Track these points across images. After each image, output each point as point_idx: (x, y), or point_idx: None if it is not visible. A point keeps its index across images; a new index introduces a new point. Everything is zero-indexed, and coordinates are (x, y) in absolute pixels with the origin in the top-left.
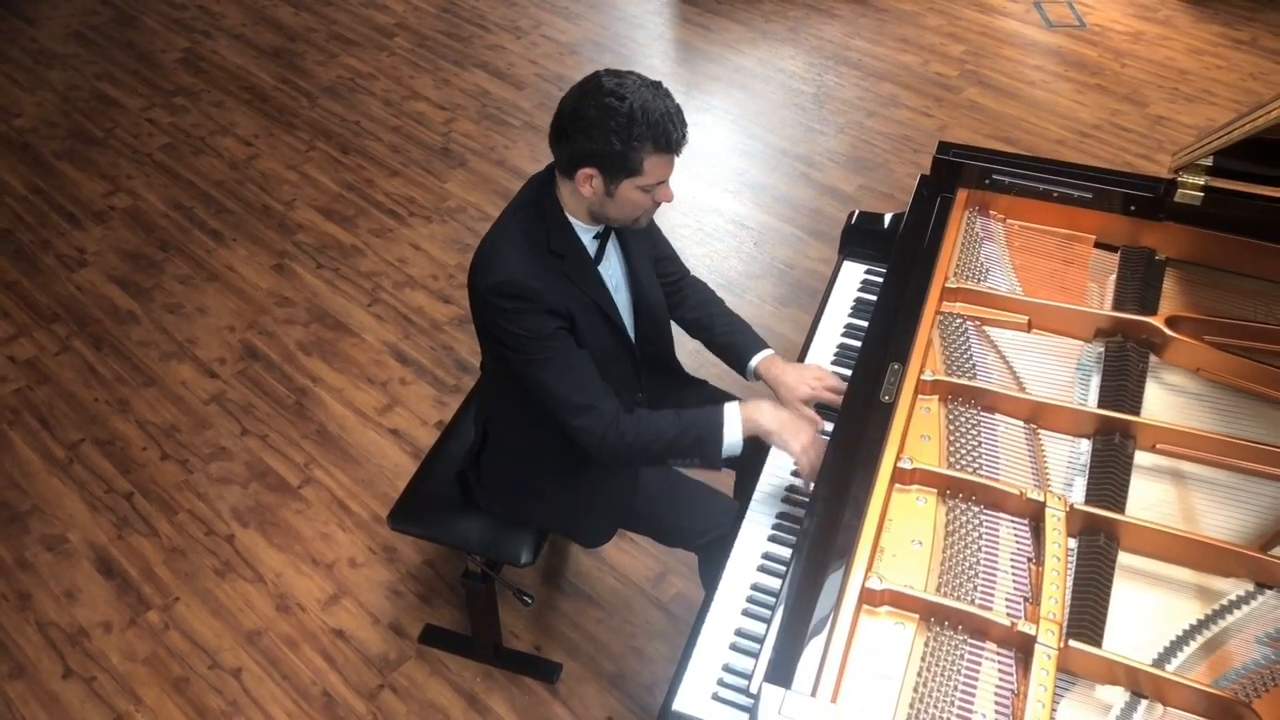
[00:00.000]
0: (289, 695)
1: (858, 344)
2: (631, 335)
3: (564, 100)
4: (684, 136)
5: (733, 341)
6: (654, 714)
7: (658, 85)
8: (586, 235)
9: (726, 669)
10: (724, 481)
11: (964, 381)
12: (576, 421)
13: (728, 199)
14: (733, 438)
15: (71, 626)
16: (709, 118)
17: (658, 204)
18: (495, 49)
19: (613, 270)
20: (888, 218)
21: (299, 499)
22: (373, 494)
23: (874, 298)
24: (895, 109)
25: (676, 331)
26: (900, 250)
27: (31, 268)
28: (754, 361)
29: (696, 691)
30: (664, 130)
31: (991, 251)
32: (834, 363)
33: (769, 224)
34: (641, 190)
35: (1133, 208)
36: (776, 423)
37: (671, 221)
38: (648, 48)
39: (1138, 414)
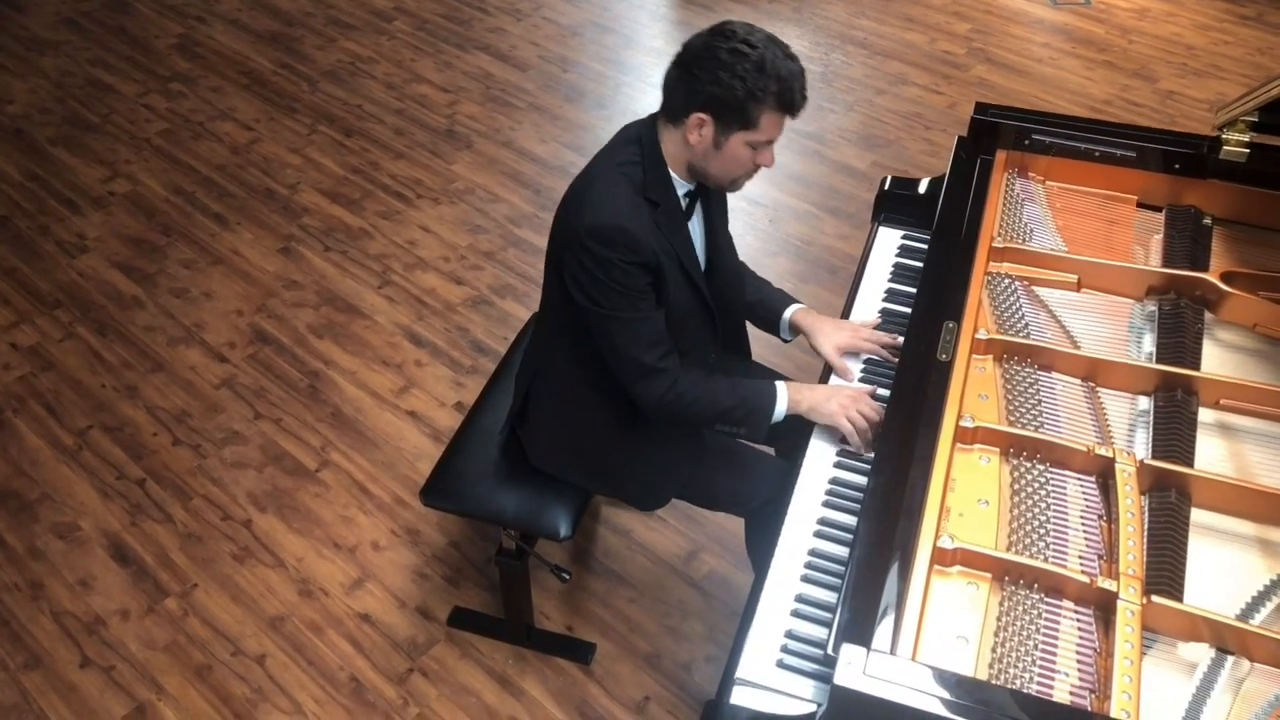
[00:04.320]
0: (315, 681)
1: (900, 308)
2: (709, 295)
3: (691, 40)
4: (805, 100)
5: (764, 298)
6: (692, 693)
7: (786, 46)
8: (680, 189)
9: (790, 635)
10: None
11: (1021, 340)
12: (640, 381)
13: None
14: (779, 415)
15: (87, 615)
16: None
17: (758, 167)
18: (496, 31)
19: (697, 230)
20: (923, 183)
21: (317, 483)
22: (393, 476)
23: (913, 263)
24: (904, 86)
25: None
26: (945, 211)
27: (31, 254)
28: (788, 314)
29: (759, 659)
30: (789, 87)
31: (1033, 213)
32: (878, 328)
33: (783, 201)
34: (749, 146)
35: (1177, 166)
36: (811, 401)
37: None
38: (650, 28)
39: (1198, 370)
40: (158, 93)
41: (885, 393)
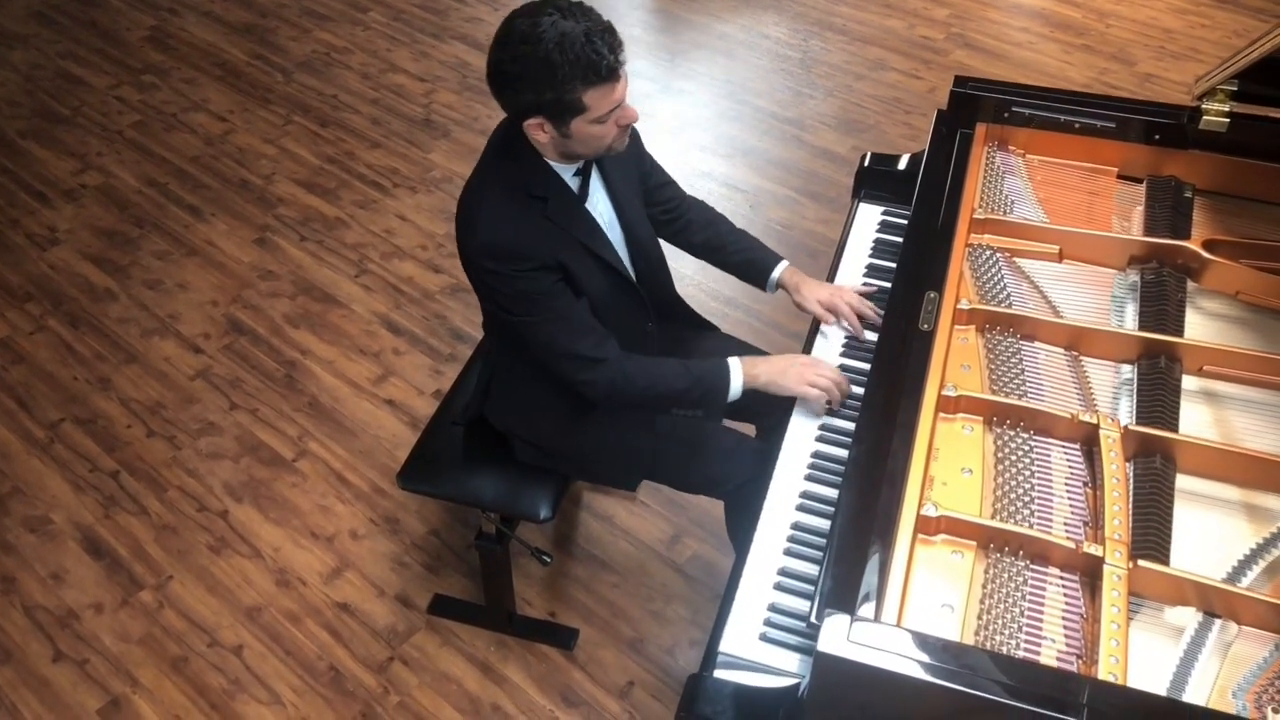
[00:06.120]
0: (293, 671)
1: (883, 284)
2: (630, 268)
3: (488, 57)
4: (616, 57)
5: (750, 258)
6: (677, 677)
7: (575, 8)
8: (567, 173)
9: (773, 609)
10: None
11: (1002, 309)
12: (579, 375)
13: (719, 163)
14: (735, 393)
15: (60, 609)
16: (695, 84)
17: (624, 127)
18: (473, 21)
19: (602, 207)
20: (903, 159)
21: (294, 472)
22: (371, 465)
23: (894, 238)
24: (884, 72)
25: (677, 275)
26: (925, 183)
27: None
28: (776, 273)
29: (742, 633)
30: (588, 61)
31: (1014, 185)
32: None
33: (763, 187)
34: (597, 122)
35: (1157, 136)
36: (769, 373)
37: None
38: (627, 16)
39: (1181, 337)
40: (129, 85)
41: (866, 366)
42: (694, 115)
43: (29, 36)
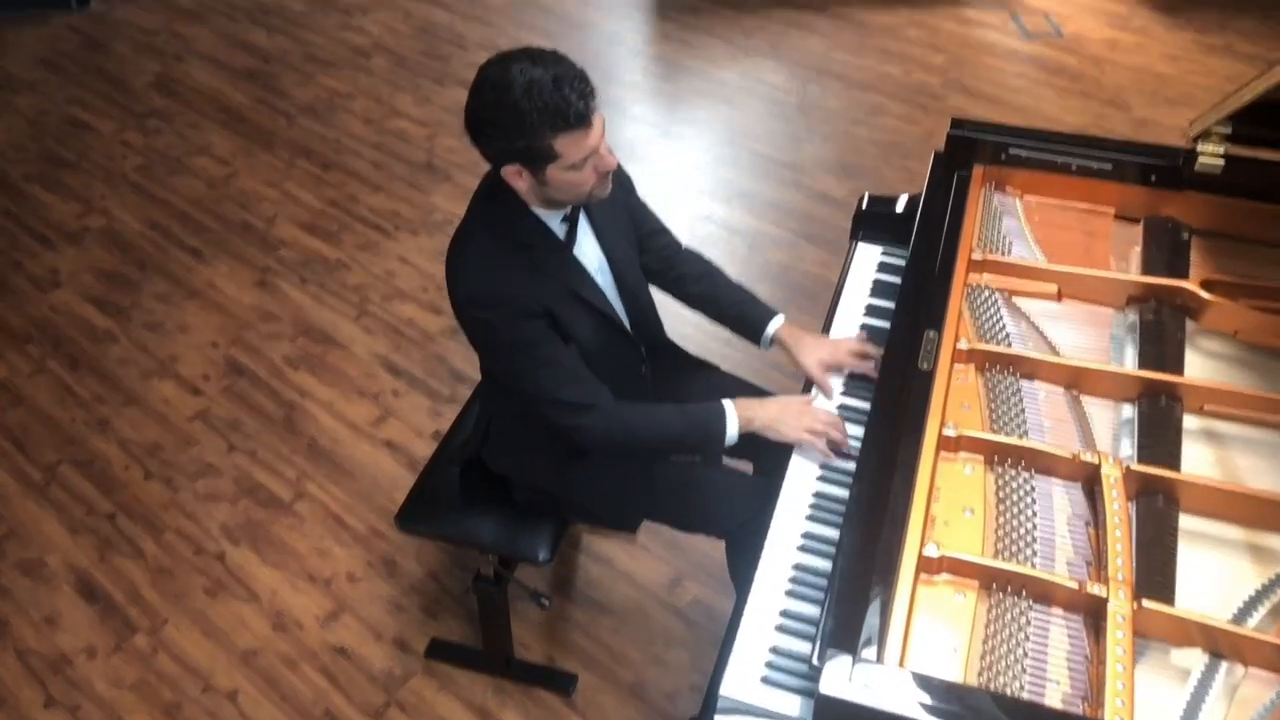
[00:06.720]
0: (289, 716)
1: (881, 324)
2: (622, 314)
3: (465, 104)
4: (587, 104)
5: (744, 312)
6: None
7: (548, 55)
8: (553, 220)
9: (775, 651)
10: (744, 464)
11: (1002, 349)
12: (571, 421)
13: (718, 206)
14: (731, 438)
15: (53, 654)
16: (694, 130)
17: (604, 174)
18: (474, 67)
19: (590, 252)
20: (901, 200)
21: (292, 514)
22: (369, 507)
23: (893, 279)
24: (881, 117)
25: (675, 315)
26: (923, 223)
27: (1, 289)
28: (770, 329)
29: (744, 675)
30: (557, 109)
31: (1011, 226)
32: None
33: (762, 229)
34: (572, 169)
35: (1153, 178)
36: (765, 419)
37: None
38: (627, 63)
39: (1181, 376)
40: (134, 129)
41: (866, 405)
42: (693, 160)
43: (36, 83)
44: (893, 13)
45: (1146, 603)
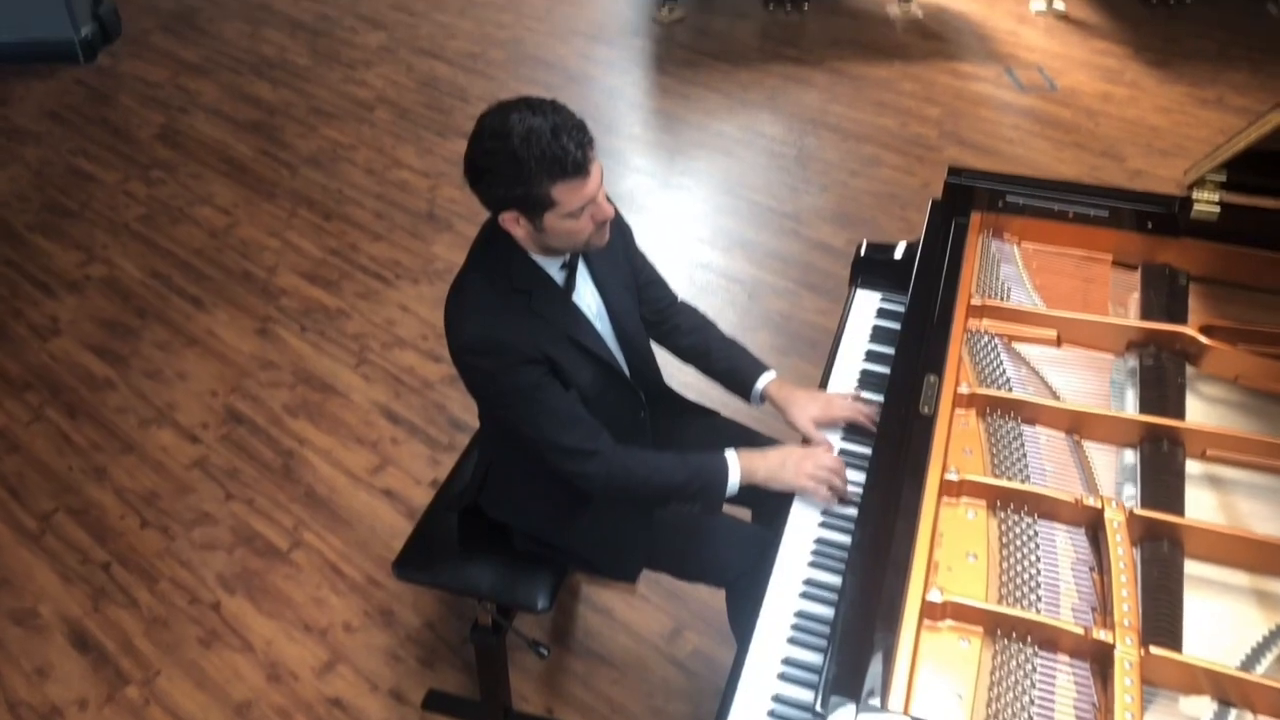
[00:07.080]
0: None
1: (881, 369)
2: (621, 360)
3: (465, 151)
4: (584, 153)
5: (734, 367)
6: None
7: (546, 105)
8: (552, 267)
9: (777, 699)
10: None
11: (1004, 394)
12: (572, 467)
13: (718, 255)
14: (733, 488)
15: (44, 705)
16: (693, 180)
17: (601, 223)
18: (476, 118)
19: (589, 299)
20: (900, 247)
21: (288, 563)
22: (366, 556)
23: (892, 325)
24: (877, 168)
25: (672, 361)
26: (922, 269)
27: (1, 336)
28: (760, 385)
29: None
30: (555, 157)
31: (1010, 272)
32: (858, 387)
33: (761, 278)
34: (569, 217)
35: (1150, 225)
36: (766, 470)
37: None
38: (628, 117)
39: (1183, 420)
40: (138, 180)
41: (867, 450)
42: (693, 210)
43: (41, 134)
44: (887, 67)
45: (1154, 649)
